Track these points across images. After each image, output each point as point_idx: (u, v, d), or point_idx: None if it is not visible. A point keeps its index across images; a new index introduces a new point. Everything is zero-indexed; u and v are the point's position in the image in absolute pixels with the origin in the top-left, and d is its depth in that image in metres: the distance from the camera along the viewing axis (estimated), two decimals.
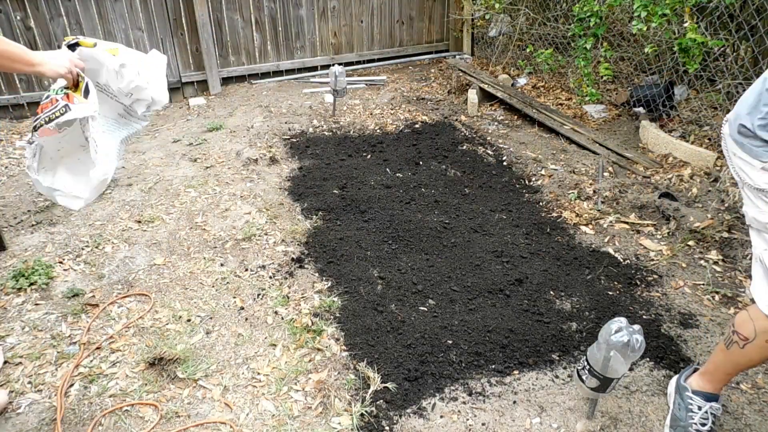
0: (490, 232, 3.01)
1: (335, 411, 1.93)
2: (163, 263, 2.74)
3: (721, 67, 3.88)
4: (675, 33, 3.78)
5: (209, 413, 1.95)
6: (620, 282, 2.62)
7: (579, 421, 1.90)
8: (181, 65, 5.04)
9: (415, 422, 1.89)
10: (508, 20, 5.72)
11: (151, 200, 3.29)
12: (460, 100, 4.96)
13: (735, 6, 3.53)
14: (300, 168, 3.70)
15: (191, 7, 4.84)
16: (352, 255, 2.77)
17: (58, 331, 2.31)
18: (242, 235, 2.93)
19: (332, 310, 2.40)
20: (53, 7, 4.44)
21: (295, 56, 5.51)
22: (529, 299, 2.48)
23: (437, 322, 2.33)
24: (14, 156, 3.94)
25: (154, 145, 4.08)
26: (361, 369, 2.08)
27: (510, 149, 4.01)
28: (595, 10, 3.81)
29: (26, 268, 2.60)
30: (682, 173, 3.44)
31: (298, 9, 5.34)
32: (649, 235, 2.96)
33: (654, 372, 2.11)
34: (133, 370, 2.12)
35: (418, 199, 3.30)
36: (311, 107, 4.69)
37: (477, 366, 2.12)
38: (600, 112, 4.51)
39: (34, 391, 2.03)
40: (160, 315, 2.41)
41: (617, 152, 3.80)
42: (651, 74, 4.46)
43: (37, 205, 3.22)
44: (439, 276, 2.63)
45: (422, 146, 4.01)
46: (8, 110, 4.56)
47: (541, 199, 3.36)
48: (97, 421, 1.91)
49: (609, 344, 1.69)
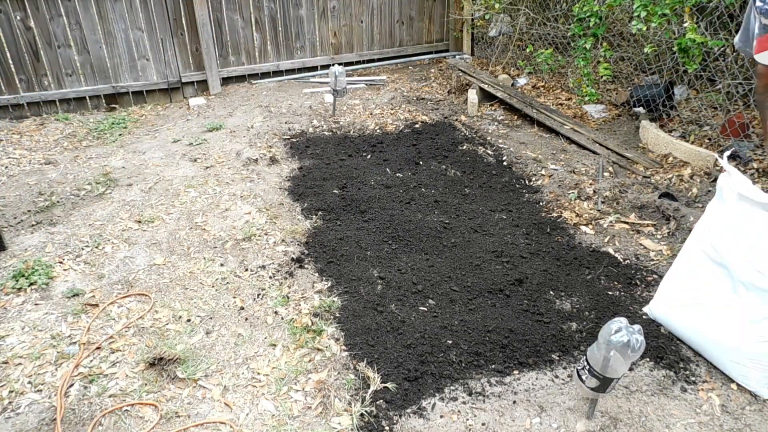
0: (490, 232, 3.01)
1: (335, 411, 1.93)
2: (163, 263, 2.74)
3: (721, 67, 3.88)
4: (675, 33, 3.78)
5: (209, 413, 1.95)
6: (620, 282, 2.62)
7: (579, 421, 1.90)
8: (181, 65, 5.04)
9: (415, 422, 1.89)
10: (508, 20, 5.72)
11: (151, 200, 3.29)
12: (460, 100, 4.96)
13: (735, 6, 3.53)
14: (300, 168, 3.70)
15: (191, 7, 4.84)
16: (352, 255, 2.77)
17: (58, 331, 2.31)
18: (242, 235, 2.93)
19: (332, 310, 2.40)
20: (53, 7, 4.44)
21: (295, 56, 5.51)
22: (529, 299, 2.48)
23: (437, 322, 2.33)
24: (14, 156, 3.94)
25: (154, 145, 4.08)
26: (361, 369, 2.08)
27: (510, 149, 4.01)
28: (594, 10, 3.81)
29: (26, 268, 2.60)
30: (682, 173, 3.44)
31: (298, 9, 5.34)
32: (649, 235, 2.96)
33: (654, 372, 2.11)
34: (133, 370, 2.12)
35: (418, 199, 3.30)
36: (311, 107, 4.69)
37: (477, 366, 2.12)
38: (600, 112, 4.51)
39: (34, 391, 2.03)
40: (160, 315, 2.41)
41: (617, 152, 3.80)
42: (651, 74, 4.46)
43: (37, 205, 3.22)
44: (439, 276, 2.62)
45: (422, 146, 4.01)
46: (8, 110, 4.56)
47: (541, 199, 3.36)
48: (97, 421, 1.91)
49: (609, 344, 1.69)
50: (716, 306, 2.06)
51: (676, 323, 2.23)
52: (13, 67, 4.48)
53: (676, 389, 2.04)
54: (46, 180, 3.52)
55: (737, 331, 1.99)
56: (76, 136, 4.35)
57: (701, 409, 1.96)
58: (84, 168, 3.72)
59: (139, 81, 4.93)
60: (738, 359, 2.00)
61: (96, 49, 4.69)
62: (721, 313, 2.04)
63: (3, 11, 4.30)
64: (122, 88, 4.88)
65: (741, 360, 1.99)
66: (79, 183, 3.48)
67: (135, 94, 4.98)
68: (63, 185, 3.45)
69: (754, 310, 1.95)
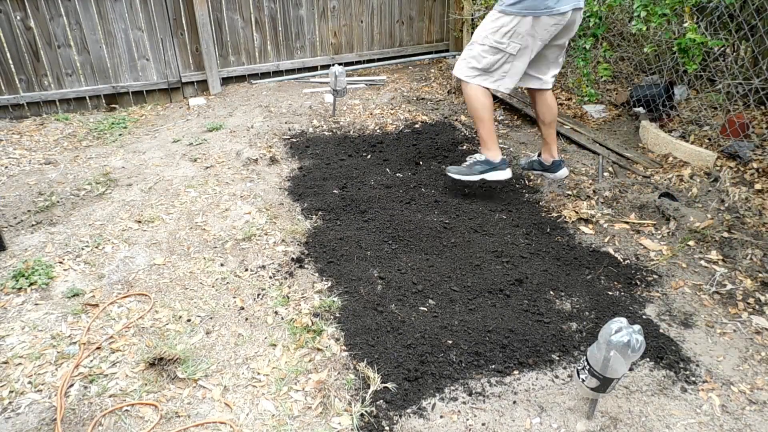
0: (490, 232, 3.01)
1: (335, 411, 1.93)
2: (163, 263, 2.74)
3: (721, 67, 3.89)
4: (675, 33, 3.78)
5: (209, 413, 1.95)
6: (620, 282, 2.63)
7: (579, 421, 1.90)
8: (181, 65, 5.04)
9: (415, 422, 1.89)
10: None
11: (151, 200, 3.29)
12: (460, 100, 4.96)
13: (735, 6, 3.53)
14: (300, 168, 3.70)
15: (191, 7, 4.84)
16: (352, 255, 2.77)
17: (58, 331, 2.31)
18: (242, 235, 2.93)
19: (332, 310, 2.40)
20: (53, 7, 4.44)
21: (295, 56, 5.51)
22: (529, 299, 2.48)
23: (437, 322, 2.33)
24: (14, 156, 3.94)
25: (154, 145, 4.08)
26: (361, 369, 2.08)
27: (510, 149, 4.01)
28: (594, 10, 3.80)
29: (26, 268, 2.60)
30: (682, 173, 3.44)
31: (298, 9, 5.34)
32: (649, 235, 2.96)
33: (654, 372, 2.11)
34: (133, 370, 2.12)
35: (418, 199, 3.30)
36: (311, 107, 4.69)
37: (477, 366, 2.12)
38: (600, 112, 4.51)
39: (34, 391, 2.03)
40: (160, 315, 2.41)
41: (617, 152, 3.81)
42: (651, 74, 4.46)
43: (37, 205, 3.22)
44: (439, 276, 2.63)
45: (422, 146, 4.01)
46: (8, 110, 4.56)
47: (541, 199, 3.36)
48: (97, 421, 1.91)
49: (609, 344, 1.69)
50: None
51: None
52: (13, 67, 4.48)
53: (676, 389, 2.04)
54: (46, 180, 3.52)
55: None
56: (76, 136, 4.36)
57: (701, 409, 1.97)
58: (84, 168, 3.72)
59: (139, 81, 4.93)
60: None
61: (96, 49, 4.69)
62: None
63: (3, 11, 4.30)
64: (122, 88, 4.88)
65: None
66: (79, 183, 3.48)
67: (135, 94, 4.98)
68: (63, 185, 3.45)
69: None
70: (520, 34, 2.90)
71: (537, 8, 2.83)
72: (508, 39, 2.93)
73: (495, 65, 3.01)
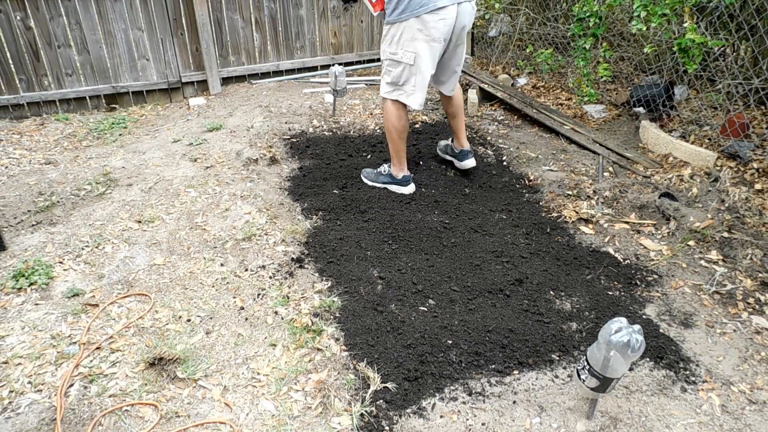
0: (490, 232, 3.01)
1: (335, 411, 1.93)
2: (163, 263, 2.74)
3: (721, 67, 3.89)
4: (675, 33, 3.78)
5: (209, 413, 1.95)
6: (620, 282, 2.63)
7: (579, 421, 1.90)
8: (181, 65, 5.04)
9: (415, 422, 1.89)
10: (508, 20, 5.72)
11: (151, 200, 3.29)
12: None
13: (735, 6, 3.53)
14: (300, 168, 3.70)
15: (191, 7, 4.84)
16: (352, 255, 2.77)
17: (58, 331, 2.31)
18: (242, 235, 2.93)
19: (332, 310, 2.40)
20: (53, 7, 4.44)
21: (295, 56, 5.51)
22: (529, 299, 2.48)
23: (437, 322, 2.33)
24: (14, 156, 3.94)
25: (154, 145, 4.08)
26: (361, 369, 2.08)
27: (510, 149, 4.01)
28: (594, 10, 3.81)
29: (26, 268, 2.60)
30: (682, 173, 3.44)
31: (298, 9, 5.34)
32: (649, 235, 2.96)
33: (654, 372, 2.11)
34: (133, 370, 2.12)
35: (418, 199, 3.30)
36: (311, 107, 4.69)
37: (477, 366, 2.12)
38: (600, 112, 4.51)
39: (34, 391, 2.03)
40: (160, 315, 2.41)
41: (617, 152, 3.81)
42: (651, 74, 4.46)
43: (37, 205, 3.22)
44: (439, 276, 2.63)
45: (422, 146, 4.01)
46: (8, 110, 4.56)
47: (541, 199, 3.36)
48: (97, 421, 1.91)
49: (609, 344, 1.69)
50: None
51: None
52: (13, 67, 4.48)
53: (676, 389, 2.04)
54: (46, 180, 3.52)
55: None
56: (76, 136, 4.36)
57: (701, 409, 1.97)
58: (84, 168, 3.72)
59: (139, 81, 4.93)
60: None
61: (96, 49, 4.69)
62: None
63: (3, 11, 4.30)
64: (122, 88, 4.88)
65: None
66: (79, 183, 3.48)
67: (135, 94, 4.98)
68: (63, 185, 3.45)
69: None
70: (407, 40, 2.95)
71: (414, 9, 2.86)
72: (401, 49, 2.99)
73: (401, 78, 3.07)
